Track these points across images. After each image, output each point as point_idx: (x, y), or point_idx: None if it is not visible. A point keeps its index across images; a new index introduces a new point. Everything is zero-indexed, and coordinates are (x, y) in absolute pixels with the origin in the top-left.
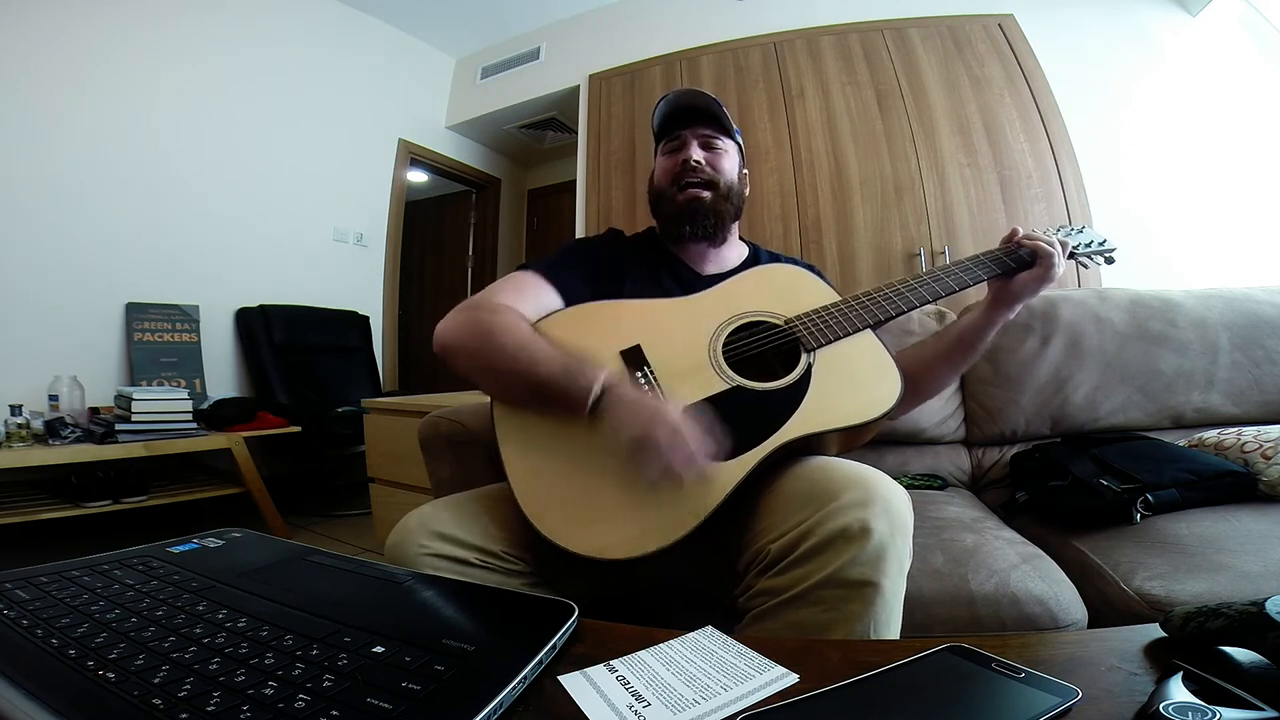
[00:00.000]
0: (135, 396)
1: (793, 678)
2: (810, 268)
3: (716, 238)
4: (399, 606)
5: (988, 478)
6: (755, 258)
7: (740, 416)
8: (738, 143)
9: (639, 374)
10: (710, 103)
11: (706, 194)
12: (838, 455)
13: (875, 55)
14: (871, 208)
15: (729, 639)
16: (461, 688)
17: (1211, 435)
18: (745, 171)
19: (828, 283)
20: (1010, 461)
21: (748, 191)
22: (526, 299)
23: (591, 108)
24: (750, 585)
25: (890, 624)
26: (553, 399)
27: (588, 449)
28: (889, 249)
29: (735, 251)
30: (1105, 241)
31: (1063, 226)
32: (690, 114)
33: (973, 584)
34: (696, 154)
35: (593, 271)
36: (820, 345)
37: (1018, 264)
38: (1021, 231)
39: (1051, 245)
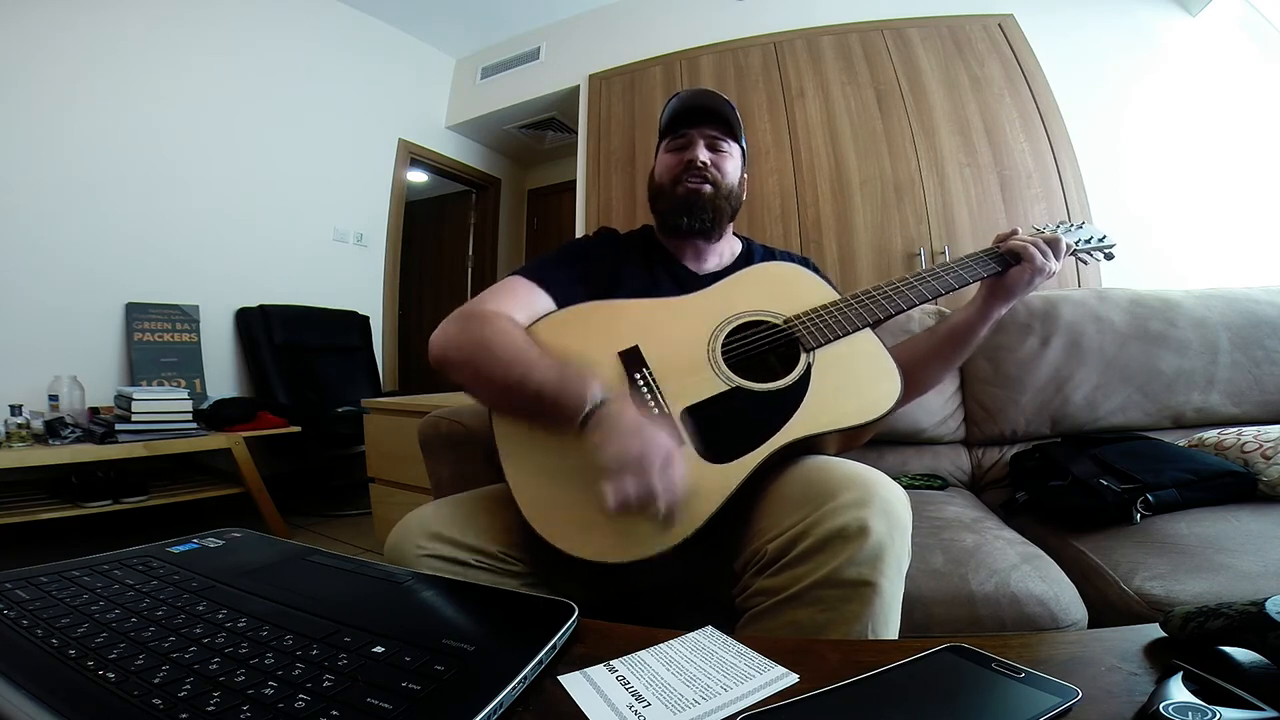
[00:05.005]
0: (135, 396)
1: (793, 678)
2: (805, 262)
3: (713, 233)
4: (399, 606)
5: (988, 478)
6: (749, 254)
7: (740, 418)
8: (742, 147)
9: (637, 375)
10: (723, 105)
11: (708, 188)
12: (837, 454)
13: (875, 55)
14: (871, 208)
15: (729, 639)
16: (461, 688)
17: (1211, 435)
18: (745, 175)
19: (825, 278)
20: (1010, 461)
21: (744, 195)
22: (519, 304)
23: (591, 108)
24: (748, 585)
25: (889, 624)
26: (544, 411)
27: (588, 452)
28: (889, 249)
29: (730, 248)
30: (1105, 237)
31: (1062, 223)
32: (701, 114)
33: (973, 584)
34: (703, 155)
35: (585, 272)
36: (819, 345)
37: (1013, 259)
38: (1021, 231)
39: (1049, 243)
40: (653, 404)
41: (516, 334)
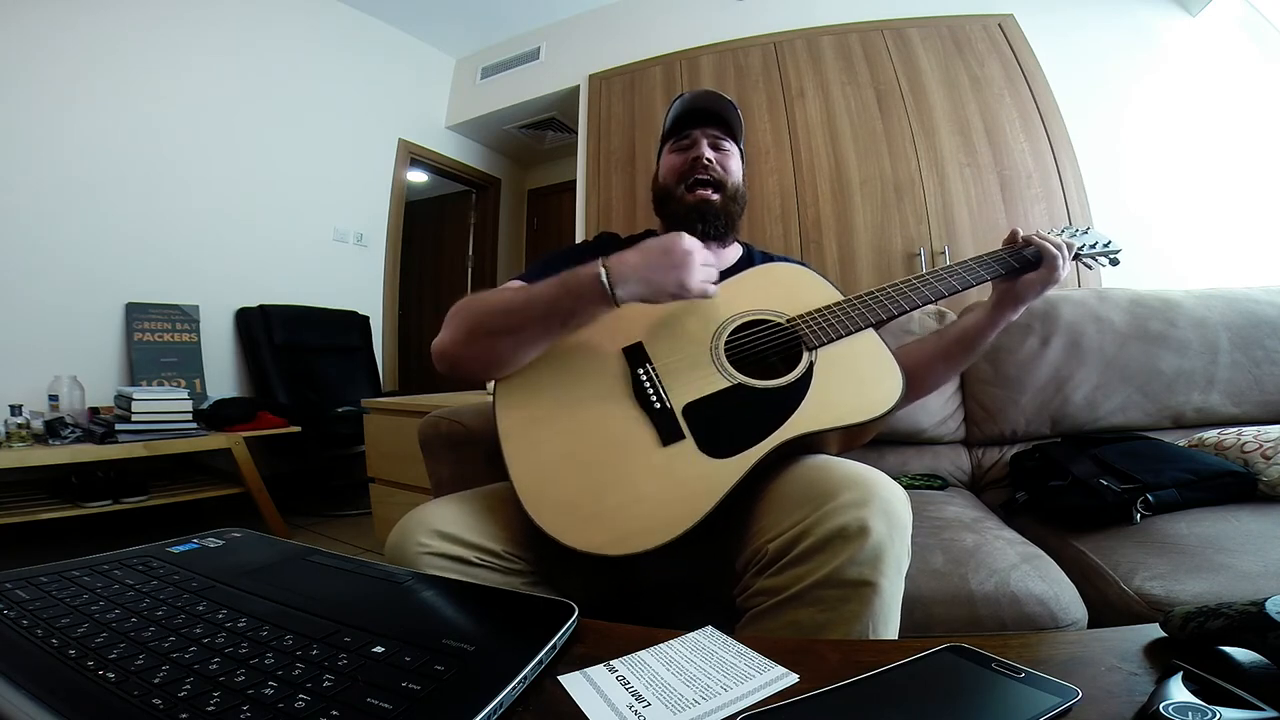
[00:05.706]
0: (135, 396)
1: (793, 678)
2: (802, 265)
3: (726, 238)
4: (399, 606)
5: (988, 478)
6: (749, 257)
7: (741, 414)
8: (741, 149)
9: (641, 371)
10: (725, 105)
11: (716, 196)
12: (837, 454)
13: (875, 55)
14: (871, 208)
15: (729, 639)
16: (461, 688)
17: (1211, 435)
18: (745, 173)
19: (826, 280)
20: (1010, 461)
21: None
22: None
23: (591, 108)
24: (748, 585)
25: (889, 624)
26: (569, 312)
27: (590, 446)
28: (889, 249)
29: (732, 251)
30: (1110, 243)
31: (1066, 228)
32: (703, 115)
33: (973, 584)
34: (708, 153)
35: None
36: (822, 344)
37: (1021, 265)
38: (1022, 233)
39: (1057, 247)
40: (655, 399)
41: (507, 289)
